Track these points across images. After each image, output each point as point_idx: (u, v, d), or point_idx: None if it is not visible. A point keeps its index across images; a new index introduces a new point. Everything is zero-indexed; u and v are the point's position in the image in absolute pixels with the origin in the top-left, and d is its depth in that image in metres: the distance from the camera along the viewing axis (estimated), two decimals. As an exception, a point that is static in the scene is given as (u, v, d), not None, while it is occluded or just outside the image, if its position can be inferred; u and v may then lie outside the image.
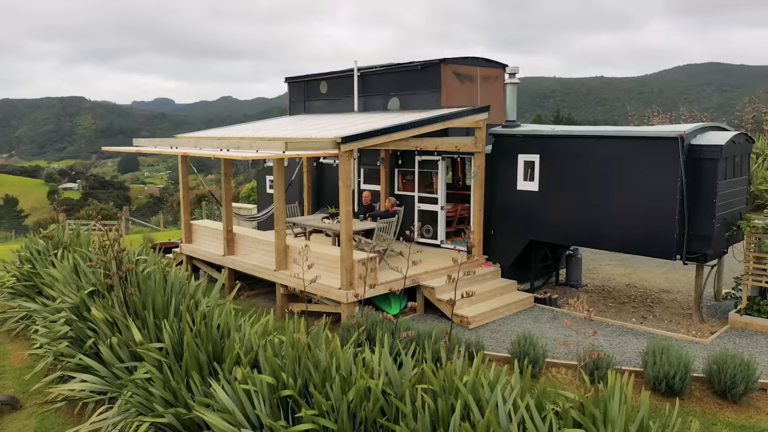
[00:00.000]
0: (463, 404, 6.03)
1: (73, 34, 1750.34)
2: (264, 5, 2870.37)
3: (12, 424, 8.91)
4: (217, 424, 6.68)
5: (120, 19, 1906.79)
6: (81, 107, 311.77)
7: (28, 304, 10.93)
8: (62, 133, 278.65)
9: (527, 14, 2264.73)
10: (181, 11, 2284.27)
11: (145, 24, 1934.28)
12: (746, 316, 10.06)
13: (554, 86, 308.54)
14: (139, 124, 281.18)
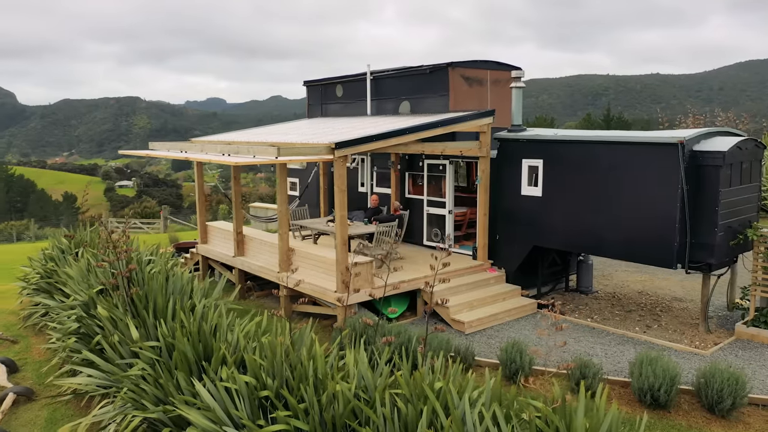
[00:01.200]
0: (431, 410, 6.08)
1: (129, 35, 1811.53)
2: (310, 5, 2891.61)
3: (26, 413, 9.41)
4: (197, 422, 6.92)
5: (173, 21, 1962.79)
6: (137, 107, 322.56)
7: (47, 300, 11.51)
8: (119, 132, 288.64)
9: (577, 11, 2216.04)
10: (230, 12, 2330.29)
11: (197, 25, 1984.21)
12: (753, 327, 9.73)
13: (607, 84, 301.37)
14: (191, 124, 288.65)
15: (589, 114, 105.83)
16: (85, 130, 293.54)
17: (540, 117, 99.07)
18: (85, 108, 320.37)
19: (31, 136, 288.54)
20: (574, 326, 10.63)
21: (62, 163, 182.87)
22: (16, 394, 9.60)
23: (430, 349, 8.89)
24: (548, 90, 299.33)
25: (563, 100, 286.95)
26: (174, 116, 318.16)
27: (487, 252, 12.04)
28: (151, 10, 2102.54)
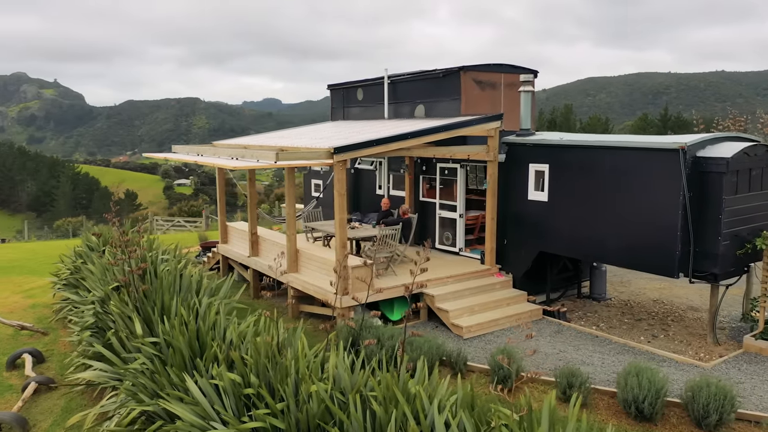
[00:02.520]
0: (402, 413, 6.18)
1: (190, 38, 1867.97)
2: (365, 6, 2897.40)
3: (45, 402, 10.02)
4: (184, 416, 7.24)
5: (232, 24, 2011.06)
6: (196, 107, 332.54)
7: (71, 295, 12.17)
8: (179, 132, 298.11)
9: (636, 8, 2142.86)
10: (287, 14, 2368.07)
11: (255, 28, 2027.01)
12: (761, 340, 9.37)
13: (668, 82, 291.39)
14: (247, 124, 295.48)
15: (645, 114, 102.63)
16: (147, 130, 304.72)
17: (594, 117, 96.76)
18: (148, 108, 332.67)
19: (98, 135, 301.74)
20: (577, 334, 10.48)
21: (125, 162, 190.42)
22: (38, 383, 10.21)
23: (421, 353, 8.97)
24: (606, 89, 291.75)
25: (621, 99, 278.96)
26: (231, 116, 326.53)
27: (495, 257, 11.99)
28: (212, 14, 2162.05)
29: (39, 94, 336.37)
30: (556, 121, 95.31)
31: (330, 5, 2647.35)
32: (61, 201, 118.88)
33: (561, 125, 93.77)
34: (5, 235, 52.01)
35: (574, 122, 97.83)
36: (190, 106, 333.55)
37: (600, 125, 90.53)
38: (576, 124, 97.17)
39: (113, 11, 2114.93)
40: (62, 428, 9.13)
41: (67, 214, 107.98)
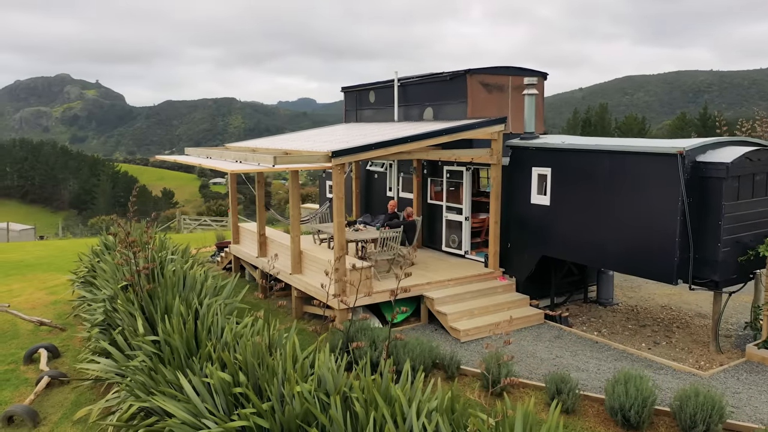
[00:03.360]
0: (382, 416, 6.27)
1: (227, 39, 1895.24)
2: (399, 5, 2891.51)
3: (57, 395, 10.39)
4: (175, 413, 7.46)
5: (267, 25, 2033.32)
6: (232, 107, 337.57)
7: (85, 293, 12.58)
8: (215, 131, 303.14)
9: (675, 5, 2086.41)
10: (321, 14, 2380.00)
11: (290, 28, 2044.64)
12: (764, 350, 9.15)
13: (710, 80, 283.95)
14: (282, 123, 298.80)
15: (683, 113, 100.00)
16: (185, 129, 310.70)
17: (630, 116, 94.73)
18: (186, 108, 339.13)
19: (137, 135, 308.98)
20: (577, 339, 10.39)
21: (162, 161, 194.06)
22: (51, 377, 10.57)
23: (413, 356, 9.03)
24: (645, 87, 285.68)
25: (661, 98, 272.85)
26: (266, 116, 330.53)
27: (499, 260, 11.96)
28: (248, 15, 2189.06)
29: (81, 94, 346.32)
30: (591, 121, 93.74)
31: (365, 5, 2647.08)
32: (100, 199, 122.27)
33: (596, 125, 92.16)
34: (47, 232, 53.66)
35: (609, 122, 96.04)
36: (227, 106, 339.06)
37: (636, 125, 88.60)
38: (611, 123, 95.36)
39: (153, 14, 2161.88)
40: (70, 421, 9.43)
41: (106, 212, 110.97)
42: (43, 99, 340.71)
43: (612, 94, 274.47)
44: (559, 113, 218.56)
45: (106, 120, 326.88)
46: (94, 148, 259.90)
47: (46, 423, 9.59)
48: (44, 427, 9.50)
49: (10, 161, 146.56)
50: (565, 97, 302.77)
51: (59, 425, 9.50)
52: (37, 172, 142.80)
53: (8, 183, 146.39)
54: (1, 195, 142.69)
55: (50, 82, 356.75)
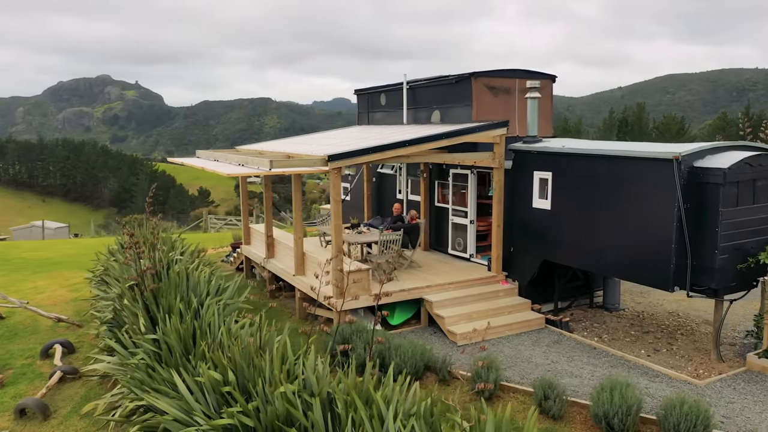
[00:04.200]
0: (361, 417, 6.38)
1: (264, 41, 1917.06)
2: (433, 4, 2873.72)
3: (68, 390, 10.77)
4: (168, 411, 7.70)
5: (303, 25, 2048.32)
6: (268, 107, 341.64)
7: (98, 291, 12.99)
8: (251, 131, 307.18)
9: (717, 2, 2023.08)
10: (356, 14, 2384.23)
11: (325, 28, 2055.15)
12: (765, 359, 8.94)
13: (756, 78, 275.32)
14: (317, 123, 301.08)
15: (724, 113, 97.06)
16: (221, 129, 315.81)
17: (668, 116, 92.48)
18: (222, 109, 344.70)
19: (175, 134, 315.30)
20: (576, 344, 10.30)
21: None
22: (63, 372, 10.97)
23: (405, 358, 9.09)
24: (686, 86, 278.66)
25: (703, 97, 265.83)
26: (302, 116, 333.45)
27: (502, 264, 11.92)
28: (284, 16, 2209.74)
29: (122, 95, 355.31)
30: (628, 121, 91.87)
31: (400, 5, 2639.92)
32: (139, 197, 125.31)
33: (633, 125, 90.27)
34: (87, 230, 55.21)
35: (646, 122, 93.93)
36: (263, 106, 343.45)
37: (675, 125, 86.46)
38: (649, 123, 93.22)
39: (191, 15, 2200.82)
40: (78, 415, 9.78)
41: (144, 210, 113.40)
42: (84, 99, 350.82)
43: (652, 93, 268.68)
44: (597, 113, 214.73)
45: (146, 120, 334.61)
46: (134, 147, 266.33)
47: (56, 416, 9.95)
48: (54, 420, 9.86)
49: (53, 160, 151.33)
50: (603, 96, 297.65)
51: (68, 419, 9.84)
52: (79, 171, 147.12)
53: (51, 181, 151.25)
54: (45, 193, 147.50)
55: (92, 83, 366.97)
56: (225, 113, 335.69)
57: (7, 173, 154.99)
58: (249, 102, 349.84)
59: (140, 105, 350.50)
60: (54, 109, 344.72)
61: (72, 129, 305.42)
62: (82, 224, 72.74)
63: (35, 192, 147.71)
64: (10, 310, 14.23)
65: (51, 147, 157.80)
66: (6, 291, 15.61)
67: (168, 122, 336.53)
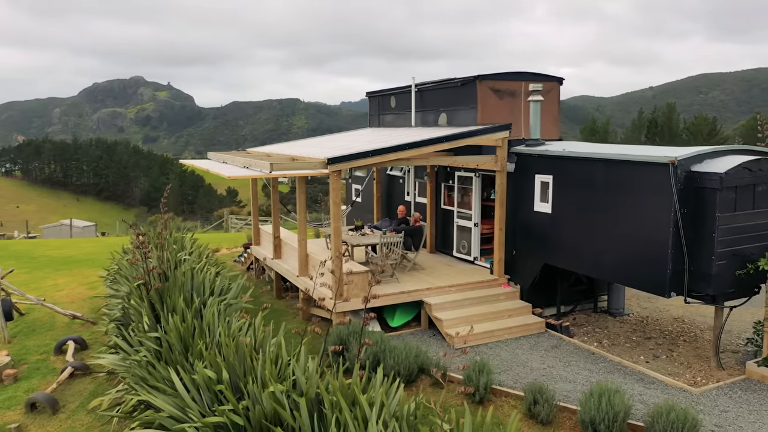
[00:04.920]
0: (346, 418, 6.49)
1: (293, 42, 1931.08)
2: (461, 5, 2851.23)
3: (78, 385, 11.11)
4: (163, 408, 7.92)
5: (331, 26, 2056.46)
6: (296, 108, 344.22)
7: (110, 289, 13.34)
8: (280, 131, 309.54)
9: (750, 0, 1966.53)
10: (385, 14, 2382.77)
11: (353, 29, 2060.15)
12: (764, 367, 8.79)
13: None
14: (344, 123, 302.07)
15: (757, 113, 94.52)
16: (250, 129, 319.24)
17: (700, 116, 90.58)
18: (252, 109, 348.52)
19: (205, 135, 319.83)
20: (575, 349, 10.25)
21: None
22: (74, 368, 11.31)
23: (398, 360, 9.16)
24: (720, 85, 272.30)
25: (738, 96, 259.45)
26: (329, 116, 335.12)
27: (504, 267, 11.91)
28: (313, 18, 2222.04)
29: (154, 96, 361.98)
30: (657, 121, 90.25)
31: (427, 5, 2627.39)
32: (169, 197, 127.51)
33: (662, 125, 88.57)
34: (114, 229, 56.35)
35: (676, 122, 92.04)
36: (291, 106, 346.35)
37: (706, 126, 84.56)
38: (679, 124, 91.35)
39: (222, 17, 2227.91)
40: (85, 410, 10.09)
41: (174, 210, 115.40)
42: (118, 100, 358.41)
43: (684, 93, 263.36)
44: (627, 113, 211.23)
45: (177, 120, 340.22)
46: (165, 147, 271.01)
47: (65, 411, 10.28)
48: (63, 414, 10.19)
49: (87, 160, 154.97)
50: (634, 96, 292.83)
51: (75, 413, 10.16)
52: (111, 170, 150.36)
53: (85, 180, 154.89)
54: (79, 192, 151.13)
55: (125, 85, 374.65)
56: (254, 114, 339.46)
57: (43, 172, 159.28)
58: (278, 102, 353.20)
59: (172, 106, 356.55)
60: (89, 110, 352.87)
61: (106, 129, 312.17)
62: (113, 223, 74.11)
63: (69, 191, 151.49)
64: (29, 306, 14.70)
65: (85, 147, 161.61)
66: (27, 288, 16.12)
67: (198, 123, 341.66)
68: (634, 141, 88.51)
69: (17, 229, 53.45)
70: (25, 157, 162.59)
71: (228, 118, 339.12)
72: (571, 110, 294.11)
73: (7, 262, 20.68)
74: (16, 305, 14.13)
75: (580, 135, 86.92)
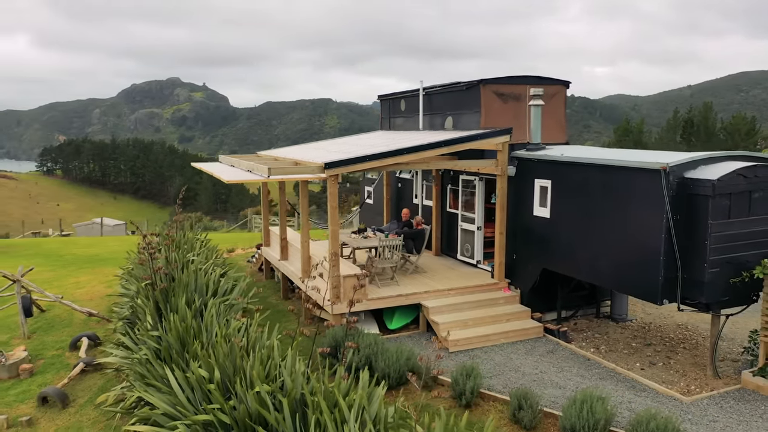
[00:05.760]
0: (327, 419, 6.64)
1: (326, 42, 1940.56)
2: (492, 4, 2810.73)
3: (88, 381, 11.50)
4: (157, 405, 8.20)
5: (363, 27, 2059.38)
6: (328, 108, 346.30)
7: (122, 288, 13.76)
8: (312, 131, 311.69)
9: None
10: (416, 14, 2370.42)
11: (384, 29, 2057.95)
12: (759, 377, 8.64)
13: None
14: (376, 123, 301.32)
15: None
16: (283, 129, 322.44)
17: (738, 116, 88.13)
18: (285, 109, 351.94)
19: (239, 134, 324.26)
20: (570, 355, 10.21)
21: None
22: (86, 364, 11.71)
23: (389, 363, 9.27)
24: (762, 84, 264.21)
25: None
26: (361, 116, 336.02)
27: (505, 271, 11.91)
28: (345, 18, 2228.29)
29: (189, 96, 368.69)
30: (693, 121, 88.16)
31: (459, 4, 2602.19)
32: (203, 196, 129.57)
33: (699, 125, 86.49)
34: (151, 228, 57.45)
35: (713, 122, 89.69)
36: (323, 106, 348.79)
37: (744, 125, 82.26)
38: (716, 123, 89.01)
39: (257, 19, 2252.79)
40: (93, 405, 10.46)
41: (207, 208, 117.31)
42: (155, 101, 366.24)
43: (724, 91, 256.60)
44: (664, 112, 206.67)
45: (212, 120, 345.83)
46: (200, 147, 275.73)
47: (74, 405, 10.66)
48: (72, 408, 10.57)
49: (124, 159, 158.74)
50: (671, 95, 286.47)
51: (84, 407, 10.53)
52: (147, 169, 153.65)
53: (122, 179, 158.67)
54: (117, 191, 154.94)
55: (162, 86, 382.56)
56: (287, 113, 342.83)
57: (82, 171, 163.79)
58: (310, 102, 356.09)
59: (207, 106, 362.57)
60: (127, 111, 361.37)
61: (143, 129, 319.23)
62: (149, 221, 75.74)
63: (107, 189, 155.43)
64: (50, 303, 15.22)
65: (122, 147, 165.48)
66: (50, 285, 16.71)
67: (233, 122, 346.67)
68: (669, 141, 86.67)
69: (56, 226, 55.22)
70: (65, 156, 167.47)
71: (261, 118, 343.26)
72: (606, 109, 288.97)
73: (35, 260, 21.43)
74: (37, 302, 14.65)
75: (613, 135, 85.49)
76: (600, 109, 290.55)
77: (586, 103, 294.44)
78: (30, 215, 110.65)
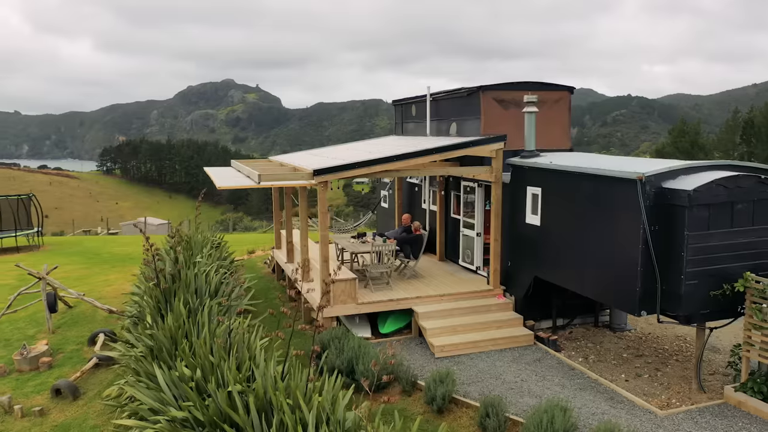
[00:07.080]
0: (288, 420, 6.92)
1: (374, 43, 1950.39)
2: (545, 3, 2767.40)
3: (100, 375, 12.14)
4: (143, 400, 8.66)
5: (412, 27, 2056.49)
6: (379, 108, 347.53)
7: (135, 288, 14.40)
8: (362, 132, 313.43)
9: None
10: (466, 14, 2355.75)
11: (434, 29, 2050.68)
12: (741, 393, 8.41)
13: None
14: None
15: None
16: (334, 130, 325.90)
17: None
18: (336, 110, 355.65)
19: (291, 135, 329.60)
20: (556, 364, 10.14)
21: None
22: (99, 359, 12.36)
23: (368, 366, 9.45)
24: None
25: None
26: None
27: (500, 278, 11.91)
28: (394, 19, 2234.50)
29: (243, 98, 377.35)
30: (754, 122, 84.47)
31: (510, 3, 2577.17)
32: (253, 195, 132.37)
33: (759, 126, 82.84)
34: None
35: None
36: (374, 107, 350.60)
37: (789, 128, 78.16)
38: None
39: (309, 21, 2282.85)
40: (101, 398, 11.06)
41: (257, 209, 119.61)
42: (210, 102, 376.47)
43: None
44: (727, 112, 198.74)
45: (264, 121, 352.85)
46: (253, 147, 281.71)
47: (84, 398, 11.29)
48: (81, 400, 11.20)
49: (179, 159, 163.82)
50: (735, 94, 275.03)
51: (92, 400, 11.15)
52: (201, 169, 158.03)
53: (177, 179, 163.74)
54: (172, 190, 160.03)
55: (217, 87, 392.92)
56: (338, 114, 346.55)
57: (140, 171, 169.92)
58: (361, 103, 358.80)
59: (260, 107, 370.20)
60: (183, 112, 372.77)
61: (198, 130, 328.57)
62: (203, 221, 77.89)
63: (163, 189, 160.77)
64: (77, 300, 16.04)
65: (177, 147, 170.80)
66: (80, 283, 17.59)
67: (285, 123, 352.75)
68: (728, 143, 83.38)
69: (114, 225, 57.58)
70: (123, 156, 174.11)
71: (313, 119, 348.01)
72: (664, 109, 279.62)
73: (73, 258, 22.54)
74: (64, 299, 15.47)
75: (669, 136, 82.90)
76: (658, 109, 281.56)
77: (643, 103, 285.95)
78: (90, 213, 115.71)
